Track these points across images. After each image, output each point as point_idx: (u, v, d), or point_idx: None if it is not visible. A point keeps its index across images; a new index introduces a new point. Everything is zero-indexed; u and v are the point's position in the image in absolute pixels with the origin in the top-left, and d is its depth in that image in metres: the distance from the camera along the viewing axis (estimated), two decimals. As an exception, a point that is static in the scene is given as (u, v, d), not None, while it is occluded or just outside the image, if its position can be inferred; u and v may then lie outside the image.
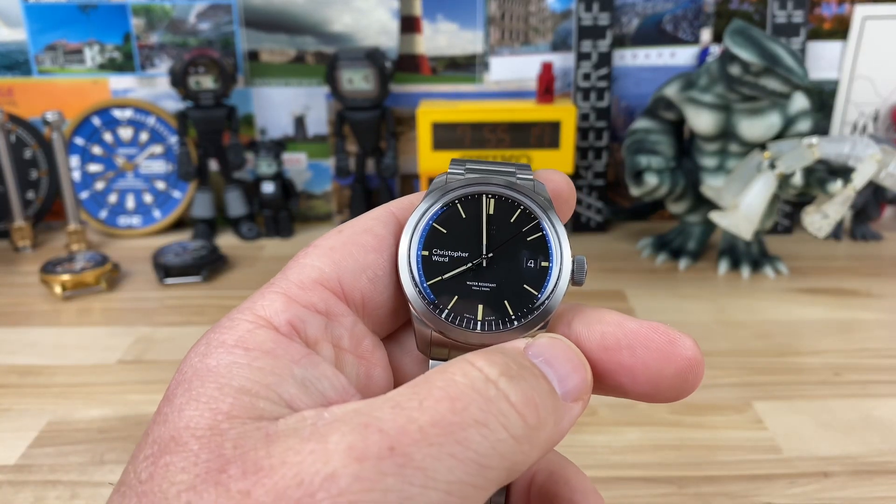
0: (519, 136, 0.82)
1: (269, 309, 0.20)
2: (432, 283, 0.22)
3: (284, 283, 0.21)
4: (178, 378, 0.19)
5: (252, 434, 0.17)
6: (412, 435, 0.16)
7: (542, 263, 0.22)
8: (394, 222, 0.23)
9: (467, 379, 0.18)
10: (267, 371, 0.18)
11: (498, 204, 0.23)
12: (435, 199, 0.23)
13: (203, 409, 0.17)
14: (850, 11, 0.87)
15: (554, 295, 0.22)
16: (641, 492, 0.46)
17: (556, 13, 0.89)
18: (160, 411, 0.18)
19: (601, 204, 0.92)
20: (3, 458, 0.49)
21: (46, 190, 0.92)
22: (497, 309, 0.22)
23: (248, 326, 0.19)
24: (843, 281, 0.76)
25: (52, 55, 0.90)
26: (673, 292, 0.74)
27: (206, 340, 0.19)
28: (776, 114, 0.73)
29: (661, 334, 0.21)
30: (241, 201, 0.91)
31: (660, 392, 0.21)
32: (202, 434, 0.17)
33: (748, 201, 0.71)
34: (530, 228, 0.23)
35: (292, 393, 0.18)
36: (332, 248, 0.22)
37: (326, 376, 0.19)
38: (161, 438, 0.17)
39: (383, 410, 0.17)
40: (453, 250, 0.22)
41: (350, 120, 0.88)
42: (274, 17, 0.88)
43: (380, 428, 0.16)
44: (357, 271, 0.22)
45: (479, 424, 0.17)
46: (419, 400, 0.17)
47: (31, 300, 0.74)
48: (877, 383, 0.57)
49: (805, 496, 0.45)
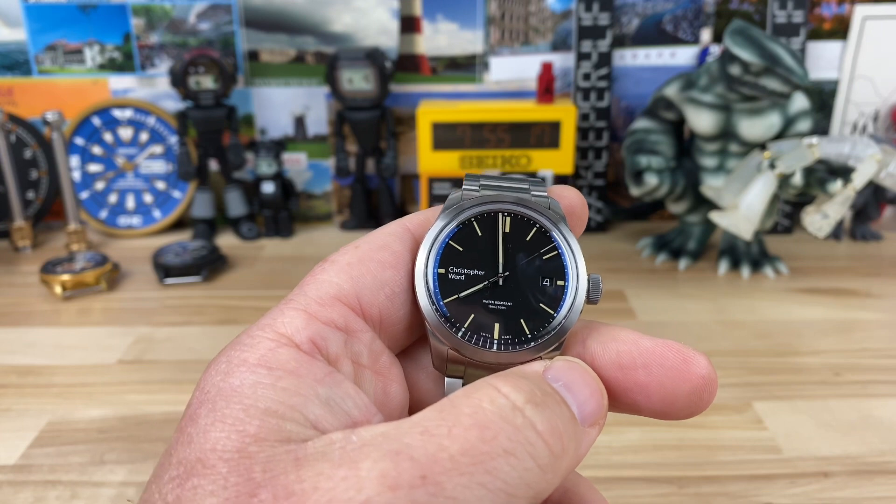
0: (519, 136, 0.82)
1: (290, 326, 0.20)
2: (449, 301, 0.22)
3: (303, 300, 0.21)
4: (201, 397, 0.19)
5: (281, 457, 0.17)
6: (443, 464, 0.16)
7: (558, 282, 0.22)
8: (410, 238, 0.23)
9: (495, 406, 0.18)
10: (292, 392, 0.18)
11: (514, 222, 0.23)
12: (451, 216, 0.23)
13: (230, 430, 0.17)
14: (850, 11, 0.87)
15: (570, 315, 0.22)
16: (641, 492, 0.46)
17: (556, 13, 0.89)
18: (183, 430, 0.18)
19: (601, 204, 0.92)
20: (3, 458, 0.49)
21: (46, 190, 0.92)
22: (513, 328, 0.22)
23: (270, 345, 0.19)
24: (843, 281, 0.76)
25: (52, 55, 0.90)
26: (673, 292, 0.74)
27: (226, 358, 0.19)
28: (776, 114, 0.73)
29: (677, 353, 0.21)
30: (241, 201, 0.91)
31: (674, 410, 0.21)
32: (230, 457, 0.17)
33: (748, 201, 0.71)
34: (546, 247, 0.23)
35: (318, 414, 0.18)
36: (350, 264, 0.22)
37: (349, 395, 0.19)
38: (187, 460, 0.17)
39: (412, 437, 0.17)
40: (470, 268, 0.22)
41: (350, 120, 0.88)
42: (274, 17, 0.88)
43: (411, 456, 0.16)
44: (375, 288, 0.22)
45: (507, 454, 0.17)
46: (448, 427, 0.17)
47: (31, 300, 0.74)
48: (877, 383, 0.57)
49: (805, 496, 0.45)
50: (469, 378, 0.22)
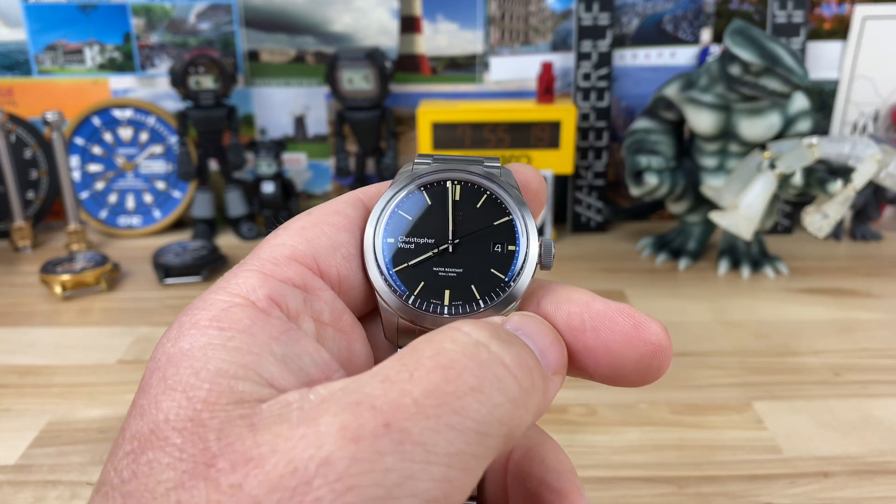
0: (519, 136, 0.82)
1: (245, 286, 0.19)
2: (398, 269, 0.22)
3: (257, 262, 0.20)
4: (152, 366, 0.18)
5: (236, 422, 0.16)
6: (407, 409, 0.15)
7: (510, 247, 0.22)
8: (362, 207, 0.23)
9: (457, 345, 0.17)
10: (244, 350, 0.17)
11: (464, 190, 0.23)
12: (400, 186, 0.23)
13: (180, 398, 0.17)
14: (850, 11, 0.87)
15: (521, 278, 0.22)
16: (641, 492, 0.46)
17: (556, 13, 0.89)
18: (136, 403, 0.17)
19: (601, 204, 0.92)
20: (3, 458, 0.49)
21: (46, 190, 0.92)
22: (464, 293, 0.22)
23: (223, 305, 0.19)
24: (843, 281, 0.76)
25: (52, 55, 0.90)
26: (673, 292, 0.74)
27: (178, 323, 0.19)
28: (776, 114, 0.73)
29: (627, 317, 0.20)
30: (241, 201, 0.91)
31: (622, 376, 0.21)
32: (183, 426, 0.16)
33: (748, 201, 0.71)
34: (497, 213, 0.23)
35: (273, 371, 0.17)
36: (304, 227, 0.21)
37: (308, 352, 0.19)
38: (140, 433, 0.16)
39: (372, 386, 0.16)
40: (419, 237, 0.22)
41: (350, 120, 0.88)
42: (274, 17, 0.88)
43: (372, 405, 0.16)
44: (331, 249, 0.21)
45: (475, 391, 0.16)
46: (409, 371, 0.16)
47: (31, 300, 0.74)
48: (877, 383, 0.57)
49: (805, 496, 0.45)
50: None
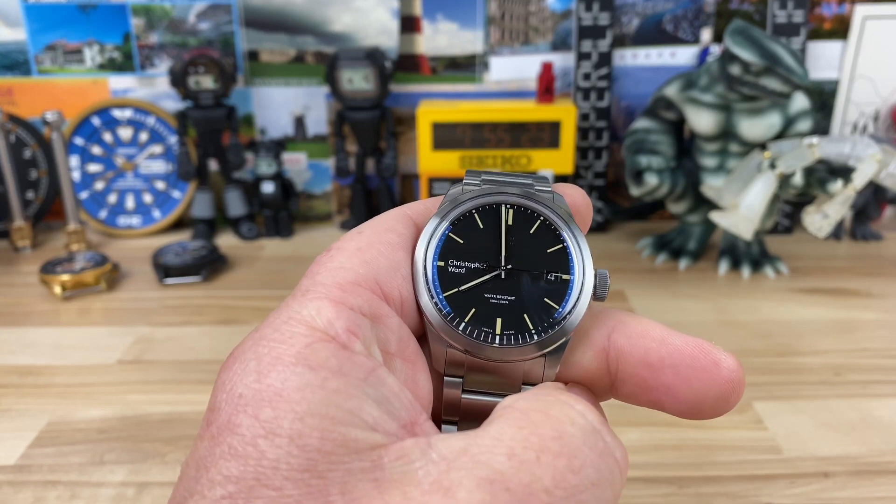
0: (519, 136, 0.82)
1: (321, 318, 0.18)
2: (448, 294, 0.21)
3: (322, 289, 0.18)
4: (233, 401, 0.16)
5: (358, 476, 0.15)
6: (539, 498, 0.15)
7: (564, 277, 0.21)
8: (412, 224, 0.22)
9: (576, 429, 0.17)
10: (343, 393, 0.16)
11: (517, 214, 0.22)
12: (451, 208, 0.22)
13: (288, 445, 0.15)
14: (850, 11, 0.87)
15: (575, 310, 0.21)
16: (641, 492, 0.46)
17: (556, 13, 0.88)
18: (220, 440, 0.16)
19: (601, 204, 0.92)
20: (3, 458, 0.49)
21: (46, 190, 0.91)
22: (516, 322, 0.21)
23: (305, 339, 0.17)
24: (843, 281, 0.76)
25: (51, 55, 0.89)
26: (673, 292, 0.74)
27: (253, 354, 0.17)
28: (776, 114, 0.73)
29: (706, 354, 0.20)
30: (241, 201, 0.91)
31: (700, 411, 0.20)
32: (298, 477, 0.15)
33: (748, 201, 0.71)
34: (551, 240, 0.22)
35: (375, 416, 0.16)
36: (360, 248, 0.20)
37: (395, 393, 0.18)
38: (241, 479, 0.15)
39: (500, 461, 0.16)
40: (470, 261, 0.21)
41: (350, 120, 0.88)
42: (274, 17, 0.88)
43: (506, 486, 0.15)
44: (391, 270, 0.20)
45: (594, 486, 0.16)
46: (535, 452, 0.16)
47: (31, 300, 0.74)
48: (877, 383, 0.57)
49: (805, 496, 0.45)
50: (469, 378, 0.21)
